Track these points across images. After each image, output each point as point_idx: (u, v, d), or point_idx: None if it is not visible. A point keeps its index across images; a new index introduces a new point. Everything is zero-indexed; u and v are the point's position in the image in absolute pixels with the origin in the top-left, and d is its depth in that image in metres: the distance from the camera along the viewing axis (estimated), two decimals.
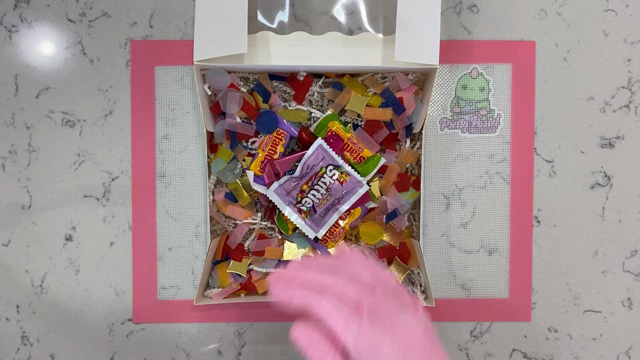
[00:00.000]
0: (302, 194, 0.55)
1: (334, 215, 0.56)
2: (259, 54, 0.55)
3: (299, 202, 0.56)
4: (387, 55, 0.55)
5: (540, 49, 0.61)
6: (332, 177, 0.55)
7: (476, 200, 0.61)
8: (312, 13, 0.60)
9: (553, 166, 0.61)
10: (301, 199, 0.56)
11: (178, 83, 0.60)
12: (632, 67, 0.61)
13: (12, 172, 0.60)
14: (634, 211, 0.61)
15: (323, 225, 0.56)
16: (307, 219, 0.56)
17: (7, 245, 0.60)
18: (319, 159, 0.55)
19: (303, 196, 0.56)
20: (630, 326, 0.61)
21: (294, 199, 0.56)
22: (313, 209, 0.56)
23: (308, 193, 0.55)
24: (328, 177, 0.55)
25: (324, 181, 0.55)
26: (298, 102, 0.57)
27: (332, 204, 0.56)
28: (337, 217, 0.56)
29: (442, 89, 0.61)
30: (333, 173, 0.55)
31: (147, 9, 0.60)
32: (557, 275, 0.61)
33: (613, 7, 0.61)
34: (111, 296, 0.60)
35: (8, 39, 0.60)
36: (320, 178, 0.55)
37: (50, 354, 0.60)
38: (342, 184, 0.55)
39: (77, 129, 0.60)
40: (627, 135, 0.61)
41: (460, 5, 0.60)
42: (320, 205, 0.56)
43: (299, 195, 0.55)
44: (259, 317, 0.61)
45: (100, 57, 0.60)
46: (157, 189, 0.60)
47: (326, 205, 0.56)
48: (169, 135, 0.60)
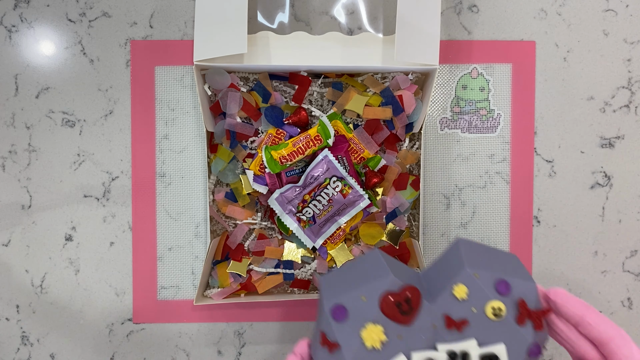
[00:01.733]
0: (304, 203, 0.56)
1: (333, 227, 0.56)
2: (259, 54, 0.55)
3: (299, 211, 0.56)
4: (387, 55, 0.55)
5: (540, 49, 0.61)
6: (335, 189, 0.55)
7: (476, 200, 0.61)
8: (312, 13, 0.60)
9: (553, 166, 0.61)
10: (302, 209, 0.56)
11: (178, 83, 0.60)
12: (632, 67, 0.61)
13: (12, 172, 0.60)
14: (634, 211, 0.61)
15: (321, 235, 0.57)
16: (306, 229, 0.56)
17: (7, 245, 0.60)
18: (323, 169, 0.55)
19: (304, 206, 0.56)
20: (630, 326, 0.61)
21: (295, 207, 0.56)
22: (313, 219, 0.56)
23: (310, 203, 0.55)
24: (331, 189, 0.55)
25: (327, 192, 0.55)
26: (297, 102, 0.57)
27: (332, 215, 0.56)
28: (335, 229, 0.56)
29: (442, 89, 0.61)
30: (336, 185, 0.55)
31: (147, 9, 0.60)
32: (557, 275, 0.61)
33: (613, 7, 0.61)
34: (111, 296, 0.60)
35: (8, 39, 0.60)
36: (323, 189, 0.55)
37: (50, 354, 0.60)
38: (345, 196, 0.55)
39: (77, 129, 0.60)
40: (627, 135, 0.61)
41: (460, 5, 0.60)
42: (321, 216, 0.56)
43: (300, 204, 0.56)
44: (259, 317, 0.61)
45: (100, 57, 0.60)
46: (157, 189, 0.60)
47: (326, 216, 0.56)
48: (169, 135, 0.60)
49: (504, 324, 0.37)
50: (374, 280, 0.38)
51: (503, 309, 0.37)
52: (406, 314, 0.37)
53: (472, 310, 0.37)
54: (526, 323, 0.37)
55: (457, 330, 0.37)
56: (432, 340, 0.37)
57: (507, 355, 0.37)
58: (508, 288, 0.37)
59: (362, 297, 0.37)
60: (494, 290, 0.37)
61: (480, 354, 0.36)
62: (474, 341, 0.37)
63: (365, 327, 0.37)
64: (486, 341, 0.37)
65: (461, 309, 0.37)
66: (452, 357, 0.37)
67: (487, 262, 0.39)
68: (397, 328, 0.37)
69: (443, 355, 0.37)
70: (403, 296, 0.37)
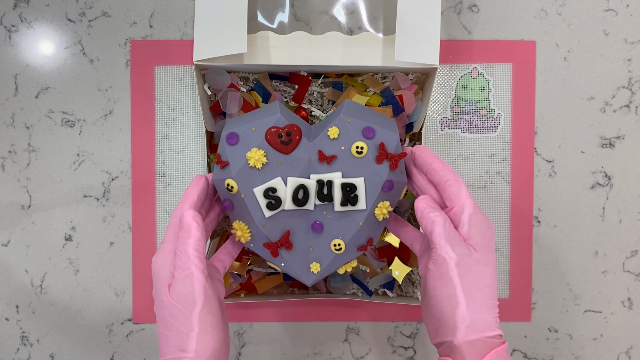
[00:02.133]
0: None
1: None
2: (259, 54, 0.55)
3: None
4: (387, 55, 0.55)
5: (540, 48, 0.61)
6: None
7: (476, 200, 0.61)
8: (312, 13, 0.60)
9: (553, 166, 0.61)
10: None
11: (178, 83, 0.60)
12: (632, 67, 0.61)
13: (11, 172, 0.60)
14: (634, 211, 0.61)
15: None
16: None
17: (6, 245, 0.60)
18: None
19: None
20: (630, 326, 0.61)
21: None
22: None
23: None
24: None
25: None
26: (298, 102, 0.57)
27: None
28: None
29: (442, 89, 0.61)
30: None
31: (147, 9, 0.60)
32: (557, 275, 0.61)
33: (613, 7, 0.61)
34: (111, 296, 0.60)
35: (8, 38, 0.59)
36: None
37: (50, 354, 0.60)
38: None
39: (76, 128, 0.60)
40: (627, 135, 0.61)
41: (460, 5, 0.60)
42: None
43: None
44: (259, 317, 0.61)
45: (100, 57, 0.60)
46: (157, 189, 0.60)
47: None
48: (169, 135, 0.60)
49: (365, 161, 0.45)
50: (264, 117, 0.46)
51: (365, 148, 0.45)
52: (285, 144, 0.45)
53: (341, 148, 0.45)
54: (383, 163, 0.45)
55: (327, 163, 0.45)
56: (307, 171, 0.45)
57: (365, 187, 0.45)
58: (372, 133, 0.45)
59: (253, 128, 0.45)
60: (361, 134, 0.45)
61: (342, 183, 0.44)
62: (340, 173, 0.45)
63: (250, 150, 0.44)
64: (349, 174, 0.45)
65: (332, 147, 0.45)
66: (320, 185, 0.45)
67: (362, 115, 0.46)
68: (277, 156, 0.44)
69: (313, 183, 0.45)
70: (285, 130, 0.45)
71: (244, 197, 0.45)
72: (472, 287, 0.40)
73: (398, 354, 0.61)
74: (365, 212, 0.45)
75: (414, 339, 0.61)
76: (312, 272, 0.48)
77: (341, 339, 0.61)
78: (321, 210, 0.46)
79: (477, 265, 0.40)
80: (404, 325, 0.61)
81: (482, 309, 0.40)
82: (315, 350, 0.61)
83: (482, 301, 0.40)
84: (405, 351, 0.61)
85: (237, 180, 0.45)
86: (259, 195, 0.45)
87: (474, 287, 0.40)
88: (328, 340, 0.61)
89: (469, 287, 0.40)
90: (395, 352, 0.61)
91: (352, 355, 0.61)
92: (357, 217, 0.46)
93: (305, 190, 0.45)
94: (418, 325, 0.61)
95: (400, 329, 0.61)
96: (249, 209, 0.45)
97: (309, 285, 0.48)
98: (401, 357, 0.61)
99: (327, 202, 0.46)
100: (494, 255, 0.41)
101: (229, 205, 0.46)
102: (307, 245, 0.47)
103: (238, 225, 0.46)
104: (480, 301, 0.40)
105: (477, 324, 0.39)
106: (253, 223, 0.45)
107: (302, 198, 0.45)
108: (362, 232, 0.46)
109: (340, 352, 0.61)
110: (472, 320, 0.39)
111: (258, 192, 0.45)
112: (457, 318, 0.39)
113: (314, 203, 0.46)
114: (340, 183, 0.45)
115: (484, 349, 0.39)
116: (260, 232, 0.46)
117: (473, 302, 0.39)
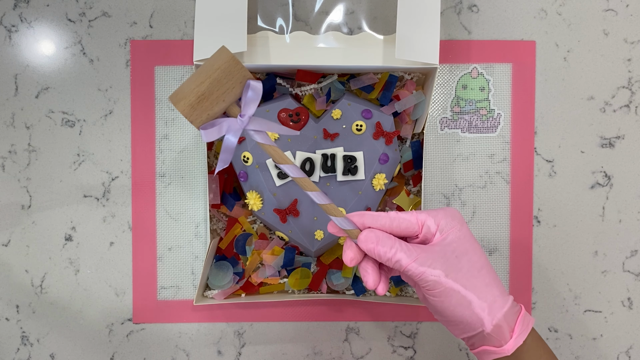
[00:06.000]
0: None
1: None
2: (259, 54, 0.55)
3: None
4: (387, 55, 0.55)
5: (540, 48, 0.61)
6: None
7: (476, 200, 0.61)
8: (312, 13, 0.60)
9: (553, 166, 0.61)
10: None
11: (178, 83, 0.60)
12: (632, 67, 0.61)
13: (11, 172, 0.60)
14: (634, 211, 0.61)
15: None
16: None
17: (7, 245, 0.60)
18: None
19: None
20: (630, 326, 0.61)
21: None
22: None
23: None
24: None
25: None
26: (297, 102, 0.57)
27: None
28: None
29: (442, 89, 0.61)
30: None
31: (147, 9, 0.60)
32: (557, 275, 0.61)
33: (613, 7, 0.61)
34: (111, 296, 0.60)
35: (8, 38, 0.59)
36: None
37: (50, 354, 0.60)
38: None
39: (76, 128, 0.60)
40: (627, 135, 0.61)
41: (460, 5, 0.60)
42: None
43: None
44: (259, 317, 0.61)
45: (100, 57, 0.60)
46: (157, 189, 0.60)
47: None
48: (169, 135, 0.60)
49: (363, 138, 0.53)
50: (276, 102, 0.54)
51: (364, 126, 0.53)
52: (295, 122, 0.54)
53: (343, 127, 0.53)
54: (380, 139, 0.53)
55: (330, 140, 0.53)
56: (313, 147, 0.54)
57: (364, 159, 0.53)
58: (370, 114, 0.53)
59: (267, 110, 0.54)
60: (360, 115, 0.53)
61: (343, 155, 0.53)
62: (341, 148, 0.53)
63: None
64: (350, 149, 0.53)
65: (335, 126, 0.54)
66: (325, 158, 0.53)
67: (361, 101, 0.55)
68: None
69: (318, 156, 0.53)
70: (295, 111, 0.54)
71: (258, 167, 0.52)
72: (472, 279, 0.40)
73: (398, 354, 0.61)
74: (364, 182, 0.53)
75: (414, 339, 0.61)
76: (317, 239, 0.54)
77: (341, 339, 0.61)
78: (325, 182, 0.53)
79: (461, 259, 0.41)
80: (404, 325, 0.61)
81: (490, 289, 0.41)
82: (315, 350, 0.61)
83: (485, 282, 0.41)
84: (405, 351, 0.61)
85: (252, 152, 0.52)
86: (271, 166, 0.53)
87: (472, 278, 0.41)
88: (328, 340, 0.61)
89: (469, 282, 0.40)
90: (395, 352, 0.61)
91: (352, 355, 0.61)
92: (356, 187, 0.53)
93: (312, 163, 0.53)
94: (418, 325, 0.61)
95: (400, 328, 0.61)
96: (262, 178, 0.52)
97: (313, 250, 0.54)
98: (401, 357, 0.61)
99: (330, 174, 0.53)
100: (469, 235, 0.42)
101: (244, 176, 0.53)
102: (312, 214, 0.53)
103: (251, 195, 0.53)
104: (484, 284, 0.41)
105: (494, 304, 0.40)
106: (265, 191, 0.53)
107: (309, 170, 0.53)
108: (361, 201, 0.53)
109: (340, 352, 0.61)
110: (489, 304, 0.40)
111: (270, 163, 0.53)
112: (476, 312, 0.40)
113: (319, 175, 0.53)
114: (342, 155, 0.53)
115: (511, 320, 0.41)
116: (271, 200, 0.53)
117: (480, 290, 0.40)
